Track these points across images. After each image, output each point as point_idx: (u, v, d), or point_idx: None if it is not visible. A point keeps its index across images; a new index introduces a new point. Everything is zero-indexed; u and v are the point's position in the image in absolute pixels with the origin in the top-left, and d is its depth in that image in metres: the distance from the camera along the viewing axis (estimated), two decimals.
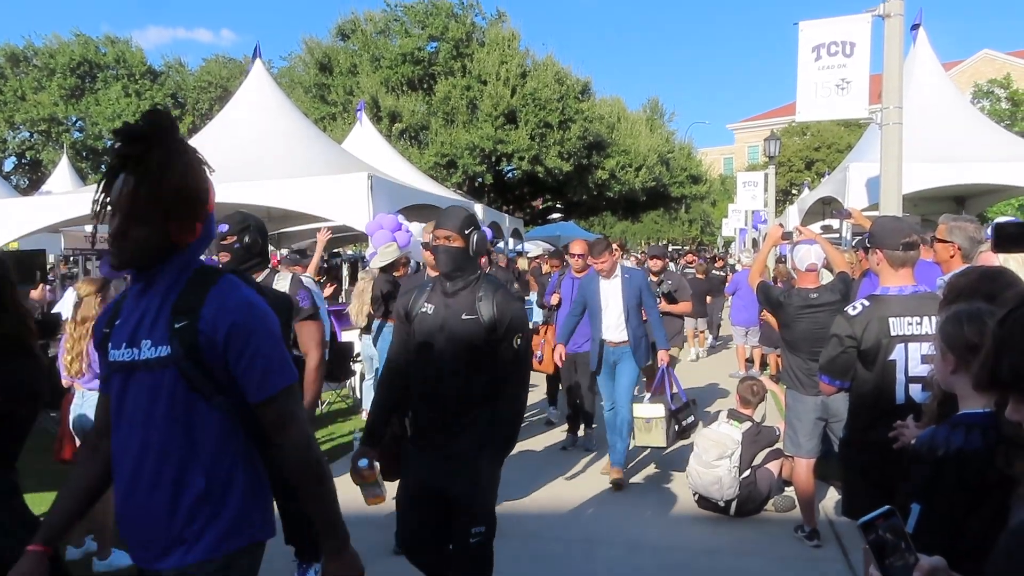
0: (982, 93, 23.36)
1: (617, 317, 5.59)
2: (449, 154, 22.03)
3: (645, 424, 5.55)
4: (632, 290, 5.54)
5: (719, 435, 5.00)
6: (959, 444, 1.69)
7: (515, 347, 2.97)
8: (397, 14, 24.66)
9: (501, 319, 2.94)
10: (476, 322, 2.94)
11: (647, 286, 5.68)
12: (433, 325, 3.00)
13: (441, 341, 2.96)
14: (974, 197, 11.31)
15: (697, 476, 4.97)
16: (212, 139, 9.75)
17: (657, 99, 31.20)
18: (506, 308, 2.95)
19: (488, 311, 2.94)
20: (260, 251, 3.65)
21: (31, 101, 29.95)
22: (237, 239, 3.51)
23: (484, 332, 2.93)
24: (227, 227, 3.52)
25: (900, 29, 6.09)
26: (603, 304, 5.62)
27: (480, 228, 3.14)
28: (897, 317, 3.01)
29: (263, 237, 3.66)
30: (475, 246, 3.06)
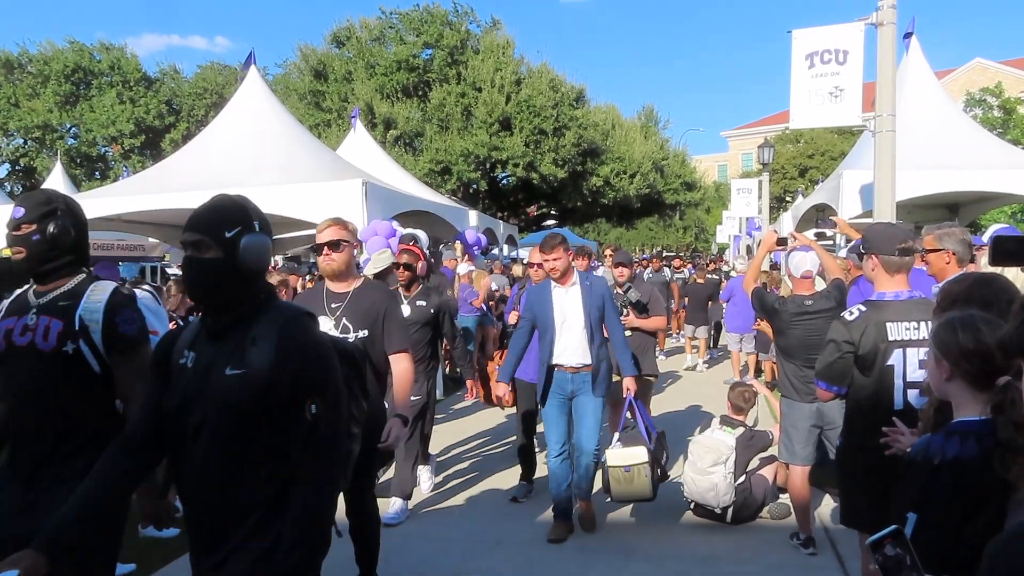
0: (974, 101, 23.50)
1: (577, 335, 4.55)
2: (444, 161, 22.06)
3: (624, 474, 4.61)
4: (594, 300, 4.57)
5: (713, 441, 4.99)
6: (955, 452, 1.69)
7: (308, 418, 1.87)
8: (392, 21, 24.73)
9: (279, 372, 1.83)
10: (243, 379, 1.84)
11: (610, 296, 4.75)
12: (190, 386, 1.91)
13: (198, 412, 1.88)
14: (967, 205, 11.38)
15: (692, 483, 4.95)
16: (207, 145, 9.76)
17: (652, 106, 31.37)
18: (292, 353, 1.86)
19: (262, 361, 1.84)
20: (72, 246, 2.49)
21: (25, 108, 29.91)
22: (37, 227, 2.42)
23: (255, 394, 1.83)
24: (22, 211, 2.44)
25: (893, 38, 6.12)
26: (558, 319, 4.58)
27: (257, 230, 2.00)
28: (894, 322, 3.01)
29: (78, 227, 2.52)
30: (243, 257, 1.92)
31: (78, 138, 31.61)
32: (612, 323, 4.67)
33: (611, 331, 4.69)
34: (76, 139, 31.72)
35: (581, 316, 4.53)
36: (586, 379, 4.58)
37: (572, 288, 4.60)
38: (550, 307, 4.57)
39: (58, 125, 30.67)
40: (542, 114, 22.20)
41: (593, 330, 4.55)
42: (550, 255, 4.51)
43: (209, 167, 8.98)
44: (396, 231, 8.04)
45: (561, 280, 4.57)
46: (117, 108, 30.56)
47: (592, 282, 4.64)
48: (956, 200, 10.95)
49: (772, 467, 5.15)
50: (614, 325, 4.69)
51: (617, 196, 25.53)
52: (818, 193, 12.26)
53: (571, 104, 23.90)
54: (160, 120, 31.92)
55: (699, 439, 5.11)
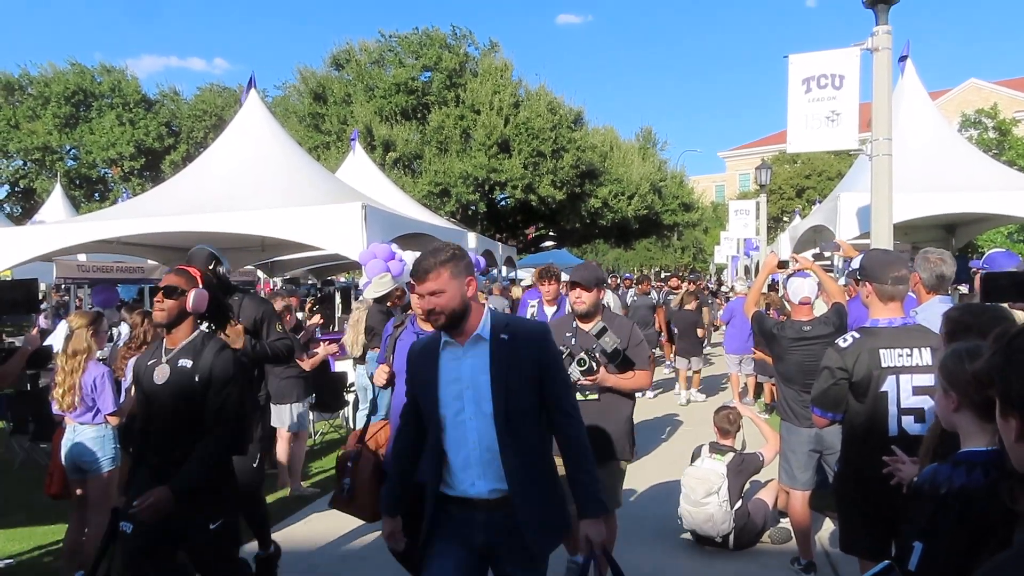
0: (970, 123, 23.66)
1: (476, 443, 2.54)
2: (443, 183, 22.14)
3: None
4: (518, 366, 2.53)
5: (704, 472, 4.97)
6: (962, 482, 1.69)
7: None
8: (391, 44, 24.92)
9: None
10: None
11: (552, 354, 2.65)
12: None
13: None
14: (964, 225, 11.41)
15: (689, 516, 4.93)
16: (207, 168, 9.79)
17: (649, 128, 31.53)
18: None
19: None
20: None
21: (25, 130, 30.03)
22: None
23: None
24: None
25: (888, 63, 6.18)
26: (446, 401, 2.57)
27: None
28: (888, 349, 3.03)
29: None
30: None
31: (78, 160, 31.73)
32: (561, 405, 2.59)
33: (556, 422, 2.58)
34: (76, 161, 31.83)
35: (488, 399, 2.50)
36: (510, 525, 2.52)
37: (479, 347, 2.55)
38: (434, 382, 2.57)
39: (58, 147, 30.79)
40: (540, 136, 22.32)
41: (519, 424, 2.51)
42: (424, 281, 2.50)
43: (208, 190, 9.00)
44: (395, 254, 8.05)
45: (455, 331, 2.55)
46: (117, 130, 30.70)
47: (514, 332, 2.57)
48: (953, 221, 10.98)
49: (771, 491, 5.13)
50: (564, 410, 2.59)
51: (615, 217, 25.61)
52: (816, 215, 12.30)
53: (569, 126, 24.03)
54: (160, 142, 32.06)
55: (690, 471, 5.08)
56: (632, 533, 5.23)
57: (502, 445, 2.50)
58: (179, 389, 3.12)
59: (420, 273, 2.52)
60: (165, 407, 3.14)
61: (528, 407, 2.55)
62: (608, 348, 3.69)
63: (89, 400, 4.15)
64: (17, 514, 5.73)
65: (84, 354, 4.17)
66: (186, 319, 3.22)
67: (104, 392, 4.17)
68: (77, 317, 4.34)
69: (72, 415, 4.18)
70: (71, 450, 4.19)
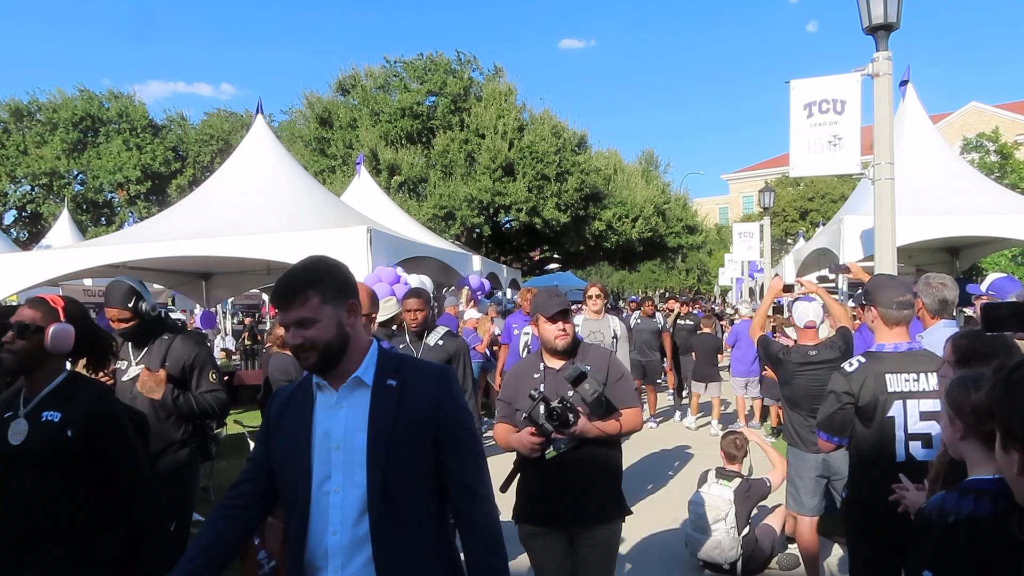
0: (971, 146, 23.73)
1: (340, 525, 1.89)
2: (447, 206, 22.24)
3: None
4: (407, 423, 1.93)
5: (711, 498, 4.94)
6: (970, 510, 1.68)
7: None
8: (396, 70, 25.16)
9: None
10: None
11: (454, 407, 2.00)
12: None
13: None
14: (967, 248, 11.41)
15: (696, 543, 4.90)
16: (213, 192, 9.86)
17: (652, 151, 31.70)
18: None
19: None
20: None
21: (33, 155, 30.28)
22: None
23: None
24: None
25: (889, 88, 6.22)
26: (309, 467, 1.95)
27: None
28: (894, 374, 3.02)
29: None
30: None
31: (85, 184, 31.94)
32: (459, 480, 1.96)
33: (456, 503, 1.98)
34: (83, 185, 32.05)
35: (363, 466, 1.89)
36: None
37: (358, 394, 1.96)
38: (299, 434, 1.96)
39: (65, 172, 31.02)
40: (544, 160, 22.44)
41: (403, 502, 1.90)
42: (286, 312, 1.91)
43: (214, 214, 9.06)
44: (400, 277, 8.08)
45: (328, 373, 1.96)
46: (124, 155, 30.94)
47: (409, 379, 1.98)
48: (956, 244, 10.99)
49: (779, 517, 5.10)
50: (463, 487, 1.97)
51: (619, 240, 25.67)
52: (819, 237, 12.31)
53: (573, 150, 24.17)
54: (166, 166, 32.29)
55: (695, 500, 5.06)
56: (640, 560, 5.20)
57: (376, 532, 1.85)
58: (44, 448, 2.48)
59: (281, 296, 1.91)
60: (24, 473, 2.50)
61: (417, 479, 1.90)
62: (589, 397, 2.99)
63: None
64: None
65: None
66: (47, 361, 2.60)
67: None
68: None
69: None
70: None
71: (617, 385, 3.24)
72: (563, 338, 3.24)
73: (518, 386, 3.29)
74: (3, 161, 30.34)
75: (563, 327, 3.24)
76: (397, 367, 2.00)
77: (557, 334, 3.23)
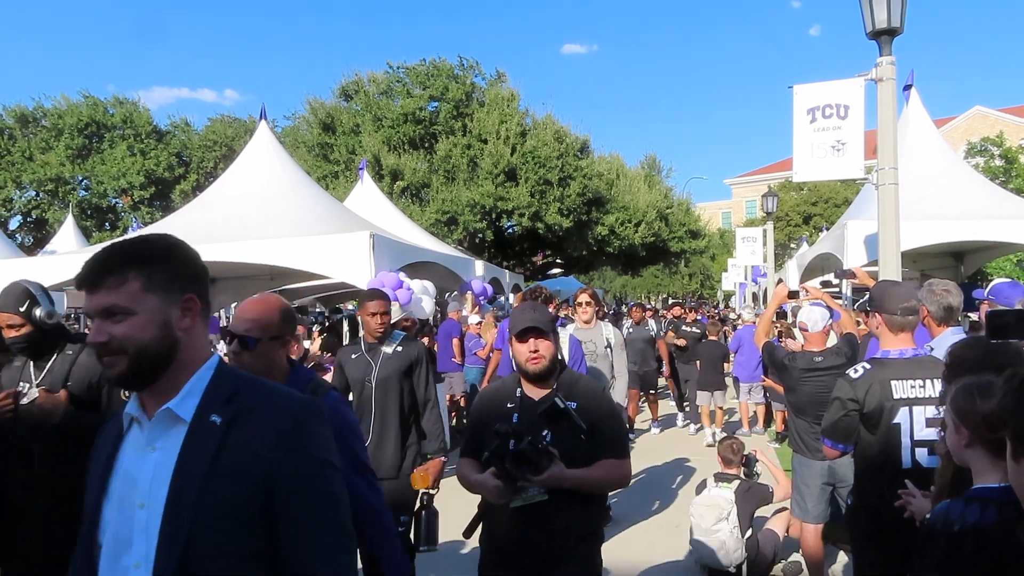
0: (975, 151, 23.71)
1: None
2: (450, 211, 22.25)
3: None
4: (230, 479, 1.39)
5: (711, 499, 4.94)
6: (975, 519, 1.67)
7: None
8: (399, 75, 25.22)
9: None
10: None
11: (302, 460, 1.44)
12: None
13: None
14: (972, 253, 11.39)
15: (700, 546, 4.88)
16: (217, 197, 9.89)
17: (655, 155, 31.79)
18: None
19: None
20: None
21: (39, 161, 30.39)
22: None
23: None
24: None
25: (892, 93, 6.21)
26: (108, 525, 1.47)
27: None
28: (899, 380, 3.01)
29: None
30: None
31: (89, 190, 32.03)
32: (296, 565, 1.42)
33: None
34: (87, 191, 32.14)
35: (152, 538, 1.38)
36: None
37: (173, 431, 1.45)
38: (101, 480, 1.50)
39: (70, 178, 31.11)
40: (547, 164, 22.45)
41: None
42: (92, 296, 1.52)
43: (218, 220, 9.08)
44: (403, 282, 8.08)
45: (144, 392, 1.49)
46: (128, 160, 31.02)
47: (242, 413, 1.46)
48: (961, 249, 10.96)
49: (782, 521, 5.08)
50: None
51: (622, 245, 25.67)
52: (823, 242, 12.30)
53: (576, 154, 24.18)
54: (170, 172, 32.38)
55: (697, 500, 5.06)
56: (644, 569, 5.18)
57: None
58: None
59: (89, 274, 1.50)
60: None
61: (238, 560, 1.37)
62: (568, 439, 2.55)
63: None
64: None
65: None
66: None
67: None
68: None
69: None
70: None
71: (606, 428, 2.66)
72: (536, 362, 2.65)
73: (488, 414, 2.73)
74: (8, 167, 30.44)
75: (535, 348, 2.65)
76: (230, 396, 1.45)
77: (528, 356, 2.65)
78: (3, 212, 30.47)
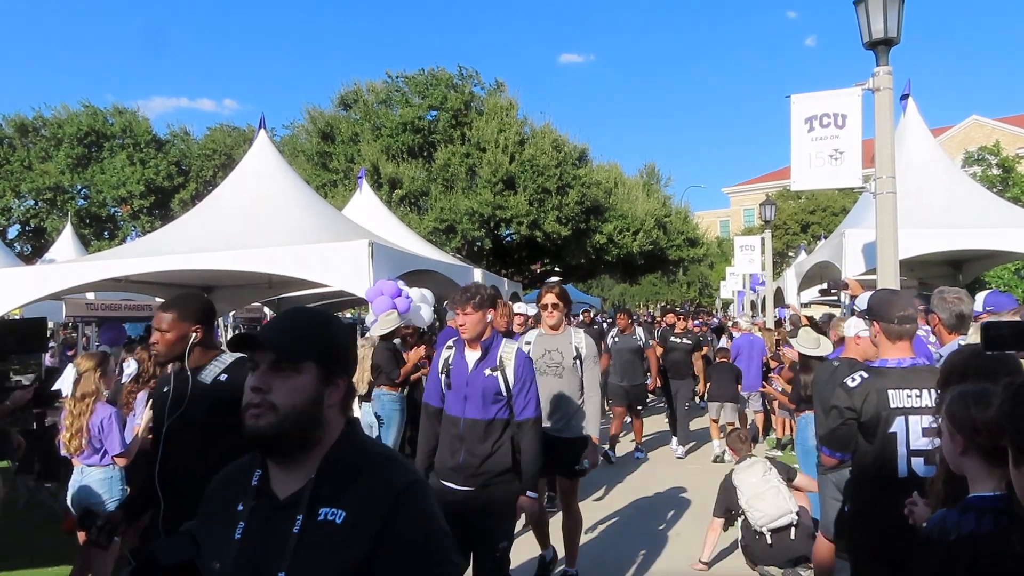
0: (973, 160, 23.77)
1: None
2: (448, 219, 22.28)
3: None
4: None
5: (748, 461, 5.10)
6: (971, 528, 1.67)
7: None
8: (398, 84, 25.30)
9: None
10: None
11: None
12: None
13: None
14: (970, 262, 11.40)
15: (759, 501, 4.98)
16: (216, 206, 9.89)
17: (653, 164, 31.81)
18: None
19: None
20: None
21: (38, 170, 30.41)
22: None
23: None
24: None
25: (890, 102, 6.24)
26: None
27: None
28: (896, 389, 3.00)
29: None
30: None
31: (88, 199, 32.05)
32: None
33: None
34: (86, 200, 32.15)
35: None
36: None
37: None
38: None
39: (69, 186, 31.13)
40: (545, 173, 22.50)
41: None
42: None
43: (217, 228, 9.07)
44: (402, 291, 8.08)
45: None
46: (127, 169, 31.05)
47: None
48: (959, 257, 10.98)
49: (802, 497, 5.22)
50: None
51: (621, 253, 25.68)
52: (821, 251, 12.31)
53: (574, 163, 24.23)
54: (169, 181, 32.40)
55: (737, 469, 5.22)
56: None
57: None
58: None
59: None
60: None
61: None
62: None
63: (96, 442, 4.16)
64: (21, 555, 5.69)
65: (92, 396, 4.19)
66: None
67: (111, 433, 4.18)
68: (84, 359, 4.36)
69: (80, 457, 4.18)
70: (78, 492, 4.19)
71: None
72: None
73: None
74: (8, 176, 30.46)
75: None
76: None
77: None
78: (2, 221, 30.49)
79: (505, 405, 3.62)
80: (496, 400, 3.59)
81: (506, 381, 3.60)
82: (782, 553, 4.97)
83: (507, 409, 3.63)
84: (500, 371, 3.61)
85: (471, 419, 3.57)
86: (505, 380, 3.60)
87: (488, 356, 3.65)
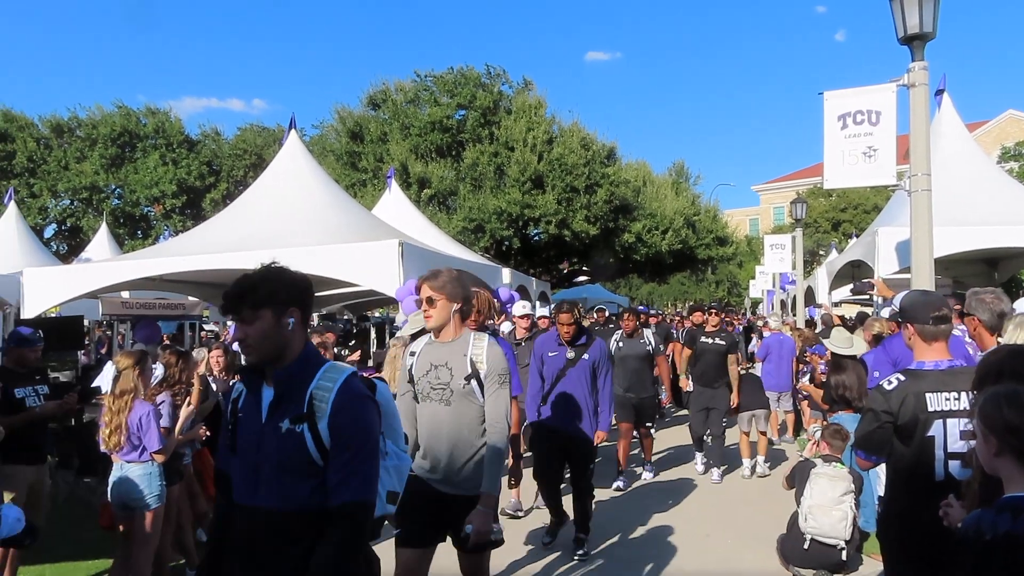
0: (1009, 155, 23.29)
1: None
2: (477, 219, 22.32)
3: None
4: None
5: (836, 471, 5.08)
6: (1006, 528, 1.66)
7: None
8: (426, 84, 25.38)
9: None
10: None
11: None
12: None
13: None
14: (1006, 259, 11.20)
15: (822, 514, 4.94)
16: (246, 207, 10.03)
17: (682, 162, 31.51)
18: None
19: None
20: None
21: (74, 170, 31.04)
22: None
23: None
24: None
25: (925, 98, 6.14)
26: None
27: None
28: (934, 392, 2.95)
29: None
30: None
31: (122, 199, 32.65)
32: None
33: None
34: (120, 200, 32.76)
35: None
36: None
37: None
38: None
39: (104, 186, 31.74)
40: (574, 172, 22.44)
41: None
42: None
43: (248, 228, 9.20)
44: None
45: None
46: (160, 169, 31.60)
47: None
48: (995, 255, 10.79)
49: None
50: None
51: (649, 252, 25.54)
52: (853, 249, 12.16)
53: (602, 162, 24.13)
54: (201, 180, 32.90)
55: (821, 471, 5.13)
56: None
57: None
58: None
59: None
60: None
61: None
62: None
63: (135, 439, 4.24)
64: (63, 548, 5.83)
65: (131, 394, 4.27)
66: None
67: (150, 430, 4.26)
68: (123, 357, 4.45)
69: (119, 453, 4.27)
70: (117, 487, 4.28)
71: None
72: None
73: None
74: (45, 176, 31.13)
75: None
76: None
77: None
78: (39, 220, 31.15)
79: None
80: None
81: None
82: (816, 560, 4.94)
83: None
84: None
85: None
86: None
87: None
